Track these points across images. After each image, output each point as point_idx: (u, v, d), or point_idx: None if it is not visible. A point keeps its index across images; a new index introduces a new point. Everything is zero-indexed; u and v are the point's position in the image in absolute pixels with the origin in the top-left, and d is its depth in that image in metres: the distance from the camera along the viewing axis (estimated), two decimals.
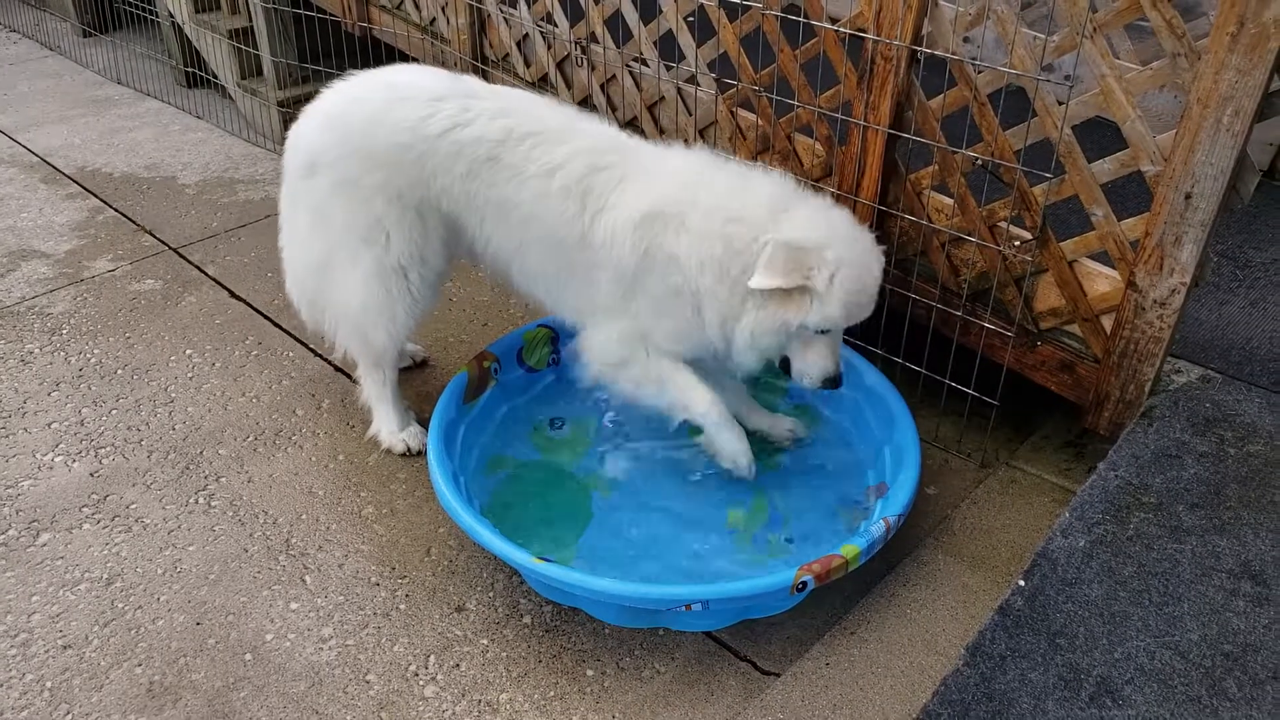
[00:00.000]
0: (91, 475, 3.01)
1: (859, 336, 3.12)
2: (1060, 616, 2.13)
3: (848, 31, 2.92)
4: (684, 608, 2.35)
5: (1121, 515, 2.37)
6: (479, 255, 2.93)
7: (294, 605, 2.61)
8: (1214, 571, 2.22)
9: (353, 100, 2.79)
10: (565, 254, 2.71)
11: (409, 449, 3.10)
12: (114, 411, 3.28)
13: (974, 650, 2.07)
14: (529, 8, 3.89)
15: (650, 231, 2.59)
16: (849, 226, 2.62)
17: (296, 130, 2.86)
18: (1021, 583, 2.21)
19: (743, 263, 2.53)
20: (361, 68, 2.78)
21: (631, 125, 3.66)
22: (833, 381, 2.70)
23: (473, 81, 2.84)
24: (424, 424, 3.07)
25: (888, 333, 3.09)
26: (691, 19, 3.36)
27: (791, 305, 2.53)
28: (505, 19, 4.01)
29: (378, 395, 3.09)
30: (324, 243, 2.86)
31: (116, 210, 4.57)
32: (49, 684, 2.38)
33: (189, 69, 5.86)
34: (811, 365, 2.67)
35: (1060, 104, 2.62)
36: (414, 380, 3.43)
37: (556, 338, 3.32)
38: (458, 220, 2.83)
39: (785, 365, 2.73)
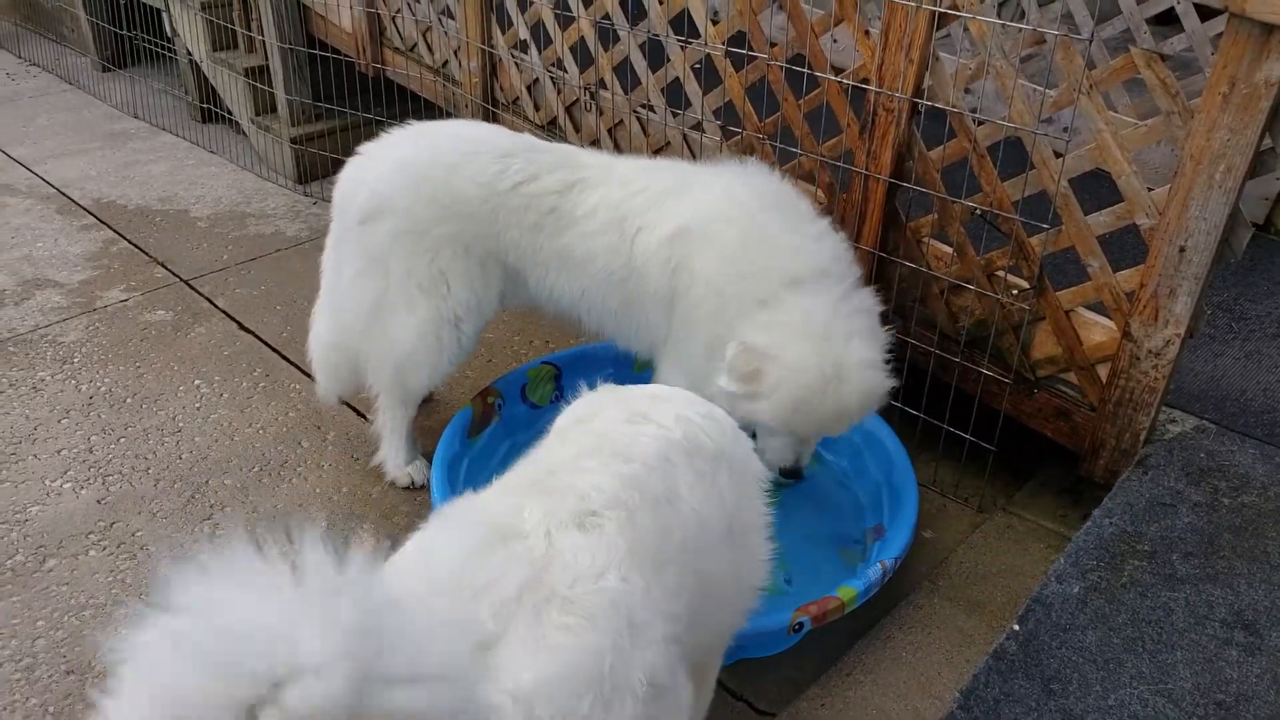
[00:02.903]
0: (99, 502, 3.05)
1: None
2: (1054, 662, 2.15)
3: (850, 83, 2.99)
4: None
5: (1116, 563, 2.39)
6: (542, 305, 2.98)
7: None
8: (1207, 620, 2.24)
9: (427, 151, 2.83)
10: (618, 288, 2.78)
11: (413, 482, 3.13)
12: (122, 440, 3.32)
13: (968, 694, 2.09)
14: (540, 53, 3.98)
15: (682, 246, 2.65)
16: (822, 339, 2.48)
17: (357, 176, 2.86)
18: (1016, 628, 2.23)
19: (730, 319, 2.58)
20: (375, 108, 2.84)
21: None
22: (790, 473, 2.68)
23: (530, 138, 2.92)
24: (428, 458, 3.11)
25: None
26: (698, 67, 3.44)
27: (747, 399, 2.52)
28: (516, 63, 4.10)
29: (392, 428, 3.11)
30: (376, 287, 2.86)
31: (130, 242, 4.64)
32: (52, 709, 2.40)
33: (205, 105, 5.96)
34: (770, 451, 2.63)
35: (1058, 156, 2.68)
36: (419, 415, 3.46)
37: (560, 374, 3.37)
38: (522, 272, 2.89)
39: None
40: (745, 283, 2.59)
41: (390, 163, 2.83)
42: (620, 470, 1.66)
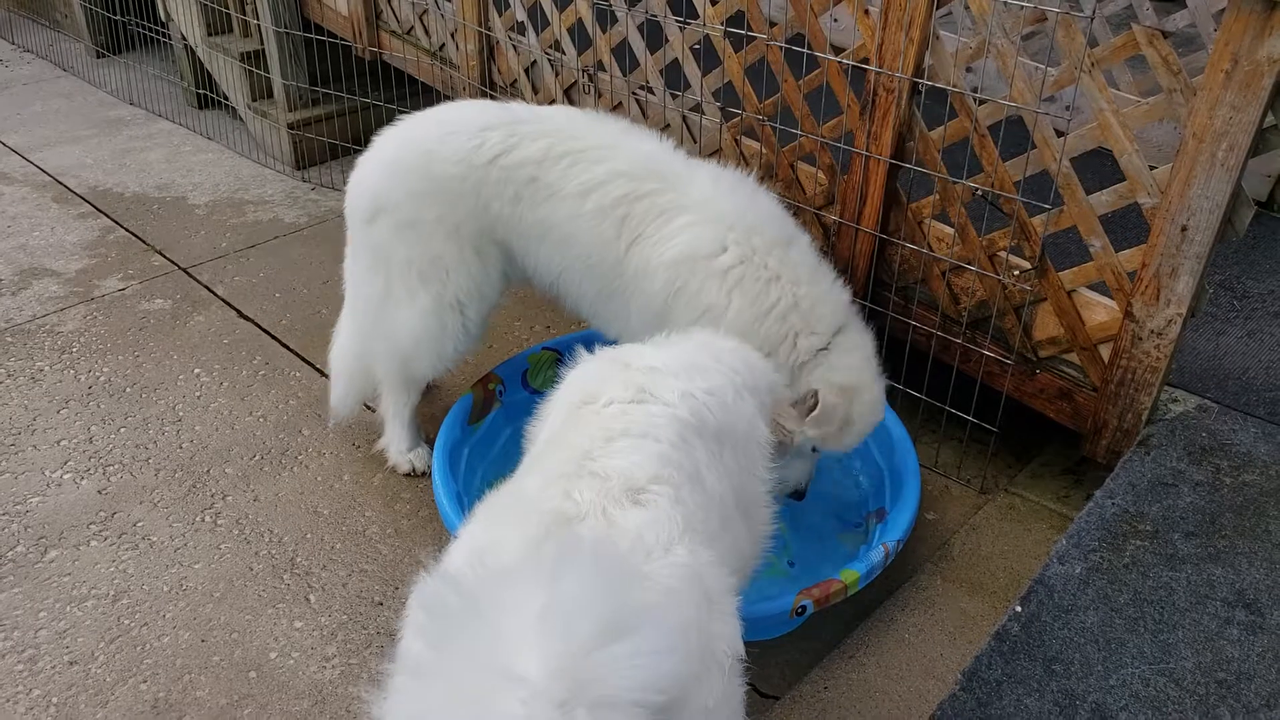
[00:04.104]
0: (99, 493, 3.05)
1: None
2: (1056, 643, 2.15)
3: (850, 63, 2.97)
4: None
5: (1118, 543, 2.39)
6: (532, 280, 2.97)
7: (298, 624, 2.63)
8: (1209, 600, 2.24)
9: (406, 141, 2.82)
10: (601, 277, 2.75)
11: (414, 469, 3.13)
12: (122, 429, 3.31)
13: (970, 676, 2.09)
14: (537, 35, 3.95)
15: (689, 272, 2.62)
16: (874, 372, 2.69)
17: (356, 179, 2.88)
18: (1018, 609, 2.23)
19: (779, 362, 2.60)
20: (372, 92, 2.82)
21: None
22: (798, 495, 2.79)
23: (520, 108, 2.86)
24: (430, 444, 3.11)
25: (888, 359, 3.12)
26: (697, 48, 3.42)
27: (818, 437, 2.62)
28: (514, 46, 4.07)
29: (395, 413, 3.11)
30: (383, 279, 2.87)
31: (127, 230, 4.62)
32: (55, 700, 2.41)
33: (200, 90, 5.93)
34: (793, 472, 2.69)
35: (1060, 135, 2.66)
36: (420, 401, 3.45)
37: (561, 360, 3.35)
38: (511, 247, 2.86)
39: None
40: (782, 324, 2.63)
41: (379, 162, 2.83)
42: (652, 449, 1.69)
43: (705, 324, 2.61)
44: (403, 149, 2.80)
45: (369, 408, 3.27)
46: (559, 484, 1.63)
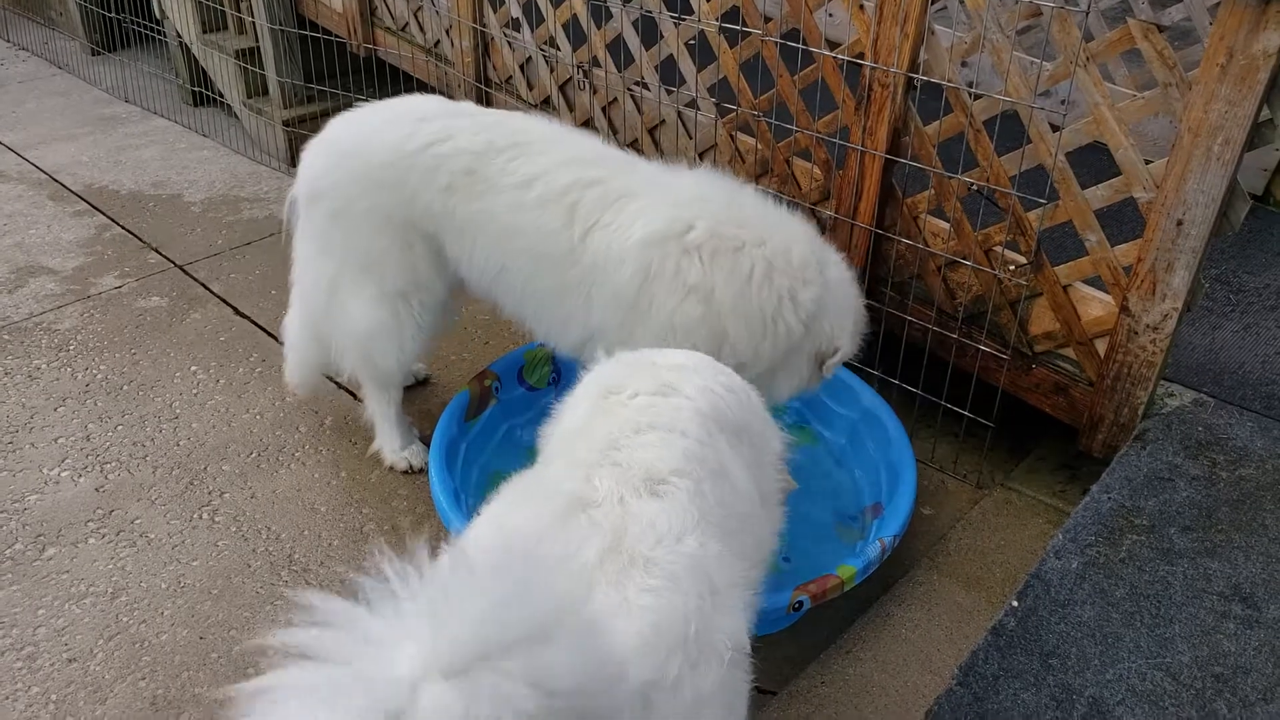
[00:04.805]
0: (97, 490, 3.05)
1: (856, 359, 3.15)
2: (1052, 637, 2.15)
3: (845, 58, 2.97)
4: None
5: (1114, 537, 2.40)
6: (465, 279, 2.86)
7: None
8: (1205, 594, 2.25)
9: (346, 128, 2.80)
10: (552, 270, 2.64)
11: (410, 466, 3.13)
12: (119, 427, 3.31)
13: (967, 670, 2.09)
14: (532, 32, 3.94)
15: (661, 254, 2.54)
16: (847, 280, 2.70)
17: (302, 163, 2.86)
18: (1014, 603, 2.24)
19: (788, 324, 2.57)
20: (367, 89, 2.82)
21: (632, 147, 3.70)
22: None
23: (468, 106, 2.82)
24: (425, 441, 3.11)
25: (884, 354, 3.13)
26: (692, 43, 3.41)
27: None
28: (509, 42, 4.07)
29: (381, 413, 3.11)
30: (331, 268, 2.85)
31: (123, 227, 4.62)
32: (54, 697, 2.41)
33: (196, 88, 5.92)
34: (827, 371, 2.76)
35: (1055, 130, 2.66)
36: (415, 398, 3.46)
37: (557, 356, 3.36)
38: (440, 241, 2.77)
39: None
40: (783, 278, 2.57)
41: (320, 145, 2.82)
42: (678, 444, 1.71)
43: (691, 304, 2.54)
44: (340, 135, 2.79)
45: (361, 401, 3.26)
46: (581, 470, 1.65)
